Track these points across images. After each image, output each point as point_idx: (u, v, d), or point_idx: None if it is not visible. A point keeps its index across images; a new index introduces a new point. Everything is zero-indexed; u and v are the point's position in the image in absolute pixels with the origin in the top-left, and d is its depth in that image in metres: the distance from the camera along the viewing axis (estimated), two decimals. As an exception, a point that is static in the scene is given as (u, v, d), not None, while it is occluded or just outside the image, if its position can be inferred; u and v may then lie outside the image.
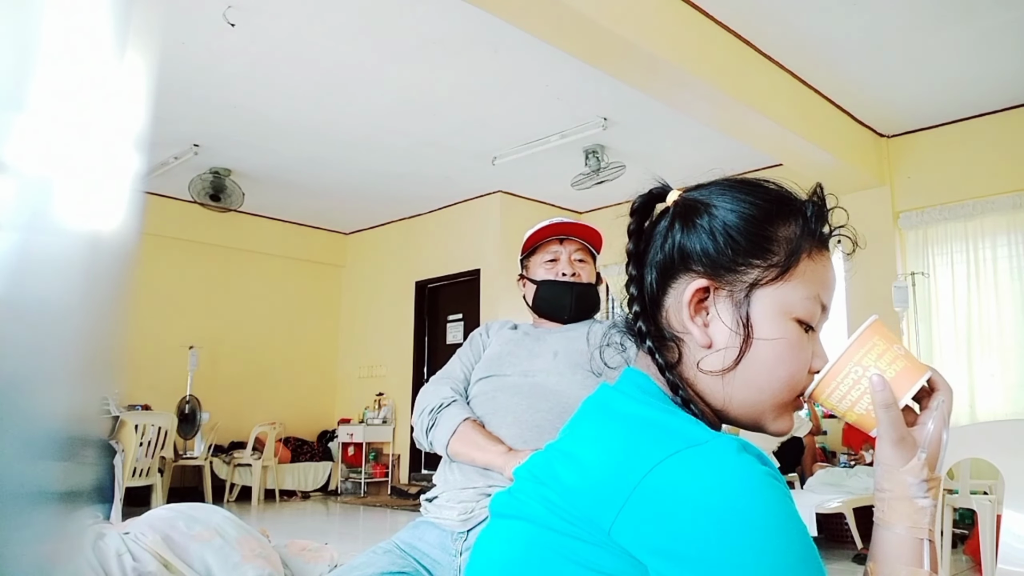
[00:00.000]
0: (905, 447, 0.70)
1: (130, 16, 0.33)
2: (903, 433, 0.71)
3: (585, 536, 0.61)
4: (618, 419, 0.68)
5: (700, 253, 0.72)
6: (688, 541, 0.57)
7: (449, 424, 1.65)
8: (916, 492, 0.69)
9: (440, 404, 1.72)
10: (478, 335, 1.90)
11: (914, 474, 0.69)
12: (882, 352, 0.73)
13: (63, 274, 0.30)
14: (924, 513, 0.69)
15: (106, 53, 0.32)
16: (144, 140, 0.33)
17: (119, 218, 0.32)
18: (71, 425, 0.30)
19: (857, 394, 0.73)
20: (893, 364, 0.73)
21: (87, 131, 0.31)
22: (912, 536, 0.69)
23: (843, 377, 0.73)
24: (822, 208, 0.76)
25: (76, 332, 0.30)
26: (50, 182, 0.30)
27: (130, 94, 0.32)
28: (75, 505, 0.30)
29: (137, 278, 3.25)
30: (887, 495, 0.71)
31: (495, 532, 0.71)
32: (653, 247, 0.75)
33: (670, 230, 0.74)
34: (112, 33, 0.32)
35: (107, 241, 0.31)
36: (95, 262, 0.31)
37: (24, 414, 0.28)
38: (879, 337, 0.74)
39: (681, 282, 0.73)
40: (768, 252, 0.72)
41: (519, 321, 1.95)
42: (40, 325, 0.29)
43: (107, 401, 4.65)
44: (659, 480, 0.59)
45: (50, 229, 0.30)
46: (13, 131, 0.29)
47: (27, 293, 0.28)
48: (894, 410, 0.70)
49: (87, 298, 0.31)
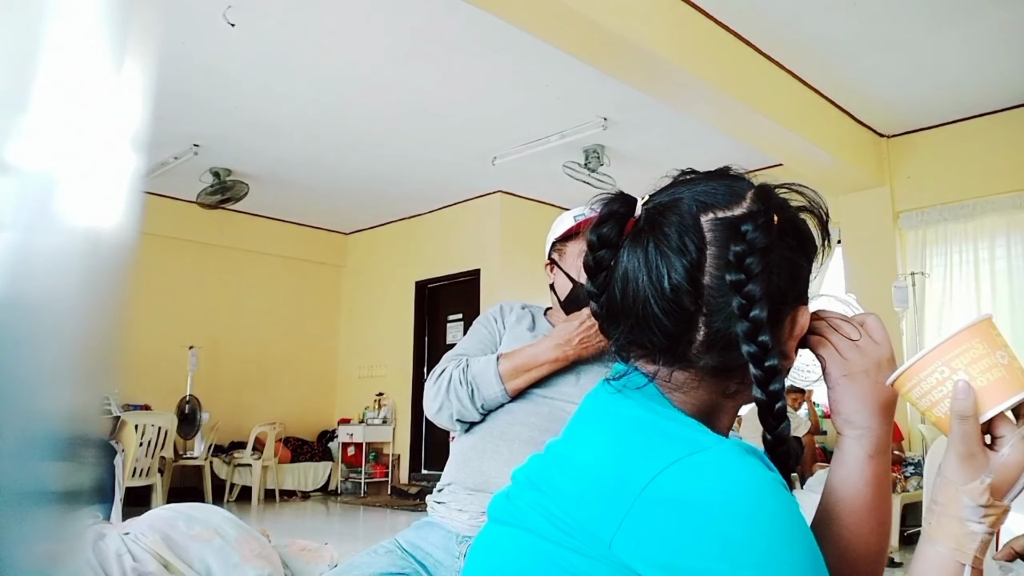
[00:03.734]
0: (972, 465, 0.65)
1: (130, 16, 0.33)
2: (974, 449, 0.65)
3: (584, 549, 0.59)
4: (618, 423, 0.65)
5: (804, 275, 0.71)
6: (692, 556, 0.54)
7: (488, 367, 1.56)
8: (970, 515, 0.64)
9: (462, 370, 1.60)
10: (492, 319, 1.79)
11: (972, 496, 0.64)
12: (978, 356, 0.67)
13: (63, 274, 0.30)
14: (973, 538, 0.64)
15: (106, 53, 0.32)
16: (144, 140, 0.33)
17: (119, 218, 0.32)
18: (71, 425, 0.30)
19: (939, 395, 0.68)
20: (988, 372, 0.66)
21: (87, 131, 0.31)
22: (953, 558, 0.64)
23: (927, 374, 0.69)
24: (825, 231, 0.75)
25: (76, 332, 0.30)
26: (50, 182, 0.30)
27: (130, 94, 0.32)
28: (75, 505, 0.30)
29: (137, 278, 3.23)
30: (938, 509, 0.66)
31: (492, 539, 0.69)
32: (775, 265, 0.68)
33: (788, 247, 0.69)
34: (112, 33, 0.32)
35: (107, 241, 0.31)
36: (95, 262, 0.31)
37: (24, 414, 0.28)
38: (980, 339, 0.68)
39: (789, 306, 0.71)
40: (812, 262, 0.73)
41: (531, 304, 1.82)
42: (40, 325, 0.29)
43: (107, 401, 4.65)
44: (661, 490, 0.56)
45: (50, 229, 0.30)
46: (14, 131, 0.29)
47: (27, 293, 0.28)
48: (970, 423, 0.65)
49: (87, 298, 0.31)
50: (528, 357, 1.54)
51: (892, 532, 4.77)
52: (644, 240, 0.69)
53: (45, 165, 0.29)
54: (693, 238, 0.66)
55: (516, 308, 1.79)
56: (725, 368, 0.67)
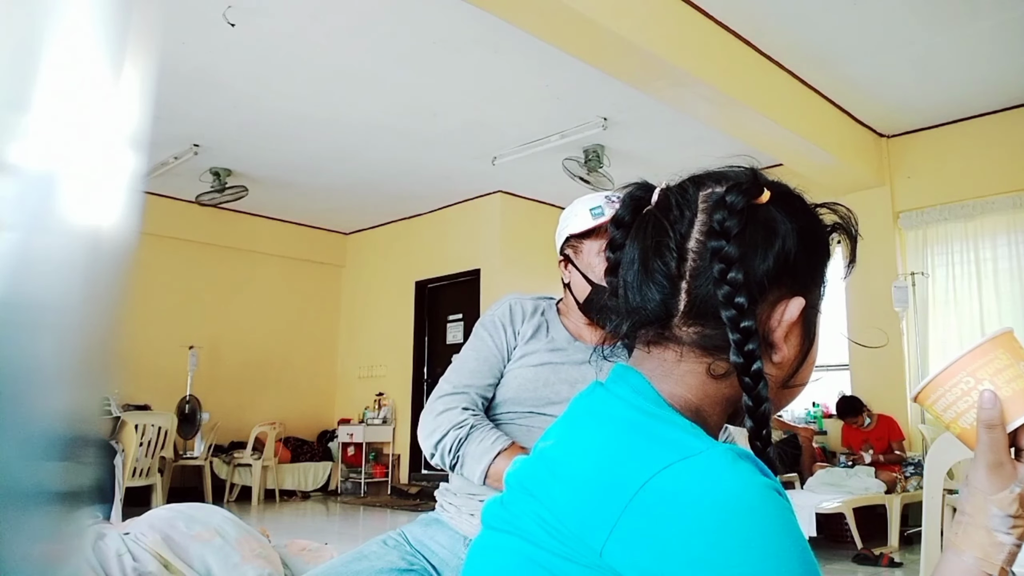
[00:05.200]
0: (1001, 475, 0.65)
1: (130, 16, 0.33)
2: (1002, 459, 0.66)
3: (577, 557, 0.58)
4: (608, 426, 0.65)
5: (796, 266, 0.68)
6: (682, 565, 0.54)
7: (483, 460, 1.43)
8: (998, 525, 0.64)
9: (457, 438, 1.47)
10: (500, 326, 1.59)
11: (1002, 506, 0.64)
12: (1003, 367, 0.67)
13: (63, 274, 0.30)
14: (1001, 549, 0.64)
15: (106, 53, 0.32)
16: (144, 140, 0.33)
17: (119, 218, 0.32)
18: (71, 425, 0.30)
19: (964, 406, 0.68)
20: (1013, 382, 0.67)
21: (87, 131, 0.31)
22: (979, 568, 0.64)
23: (952, 385, 0.69)
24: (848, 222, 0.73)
25: (76, 332, 0.30)
26: (50, 182, 0.30)
27: (130, 94, 0.32)
28: (75, 505, 0.30)
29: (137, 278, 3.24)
30: (966, 519, 0.66)
31: (488, 547, 0.68)
32: (756, 253, 0.67)
33: (773, 237, 0.67)
34: (112, 33, 0.32)
35: (107, 241, 0.31)
36: (95, 262, 0.31)
37: (24, 414, 0.28)
38: (1004, 351, 0.68)
39: (776, 296, 0.67)
40: (826, 264, 0.71)
41: (541, 297, 1.67)
42: (40, 325, 0.29)
43: (107, 401, 4.65)
44: (651, 497, 0.55)
45: (50, 229, 0.30)
46: (14, 131, 0.29)
47: (27, 293, 0.28)
48: (998, 432, 0.66)
49: (87, 298, 0.31)
50: None
51: (892, 532, 4.74)
52: (649, 216, 0.71)
53: (45, 165, 0.29)
54: (688, 210, 0.68)
55: (527, 309, 1.63)
56: (710, 343, 0.67)
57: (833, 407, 5.98)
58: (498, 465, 1.42)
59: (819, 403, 6.47)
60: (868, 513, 4.84)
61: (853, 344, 6.04)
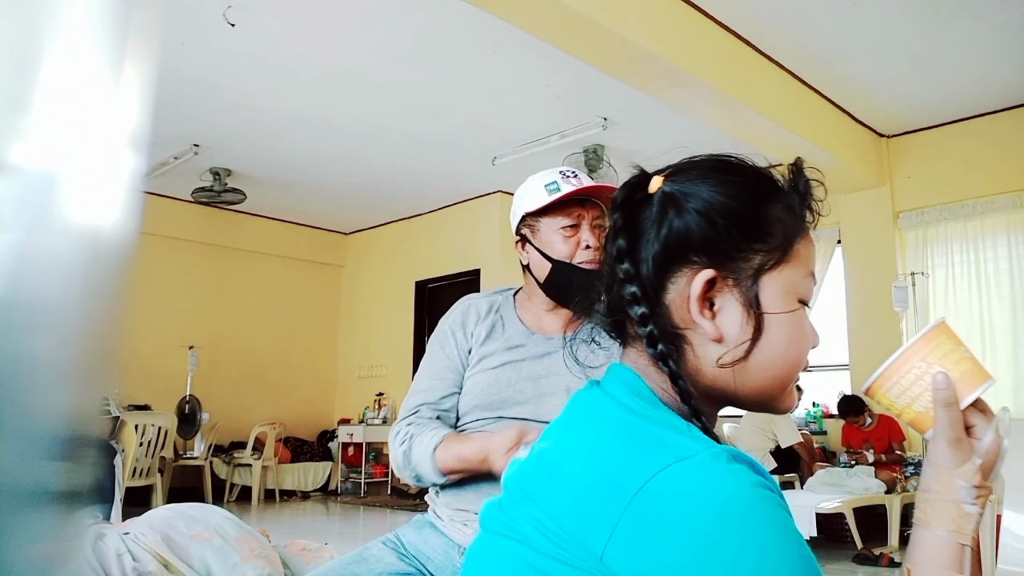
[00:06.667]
0: (961, 450, 0.69)
1: (130, 16, 0.33)
2: (960, 435, 0.70)
3: (576, 561, 0.58)
4: (605, 429, 0.64)
5: (699, 242, 0.67)
6: (681, 567, 0.54)
7: (424, 458, 1.43)
8: (965, 497, 0.68)
9: (403, 453, 1.46)
10: (450, 335, 1.55)
11: (966, 478, 0.68)
12: (948, 351, 0.73)
13: (63, 274, 0.30)
14: (970, 519, 0.68)
15: (106, 53, 0.32)
16: (144, 140, 0.33)
17: (119, 218, 0.32)
18: (71, 425, 0.30)
19: (918, 391, 0.72)
20: (958, 365, 0.72)
21: (87, 131, 0.31)
22: (954, 540, 0.68)
23: (906, 371, 0.73)
24: (807, 184, 0.72)
25: (76, 332, 0.30)
26: (50, 182, 0.30)
27: (130, 94, 0.32)
28: (75, 505, 0.30)
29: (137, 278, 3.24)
30: (933, 496, 0.70)
31: (486, 551, 0.68)
32: (644, 240, 0.69)
33: (661, 220, 0.68)
34: (112, 33, 0.32)
35: (107, 241, 0.31)
36: (95, 262, 0.31)
37: (24, 414, 0.28)
38: (946, 337, 0.73)
39: (682, 275, 0.68)
40: (768, 235, 0.68)
41: (497, 292, 1.62)
42: (40, 325, 0.29)
43: (107, 401, 4.65)
44: (649, 500, 0.56)
45: (50, 229, 0.30)
46: (14, 131, 0.29)
47: (27, 293, 0.28)
48: (955, 410, 0.70)
49: (87, 298, 0.31)
50: (459, 462, 1.39)
51: (892, 532, 4.72)
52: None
53: (45, 165, 0.29)
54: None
55: (482, 309, 1.57)
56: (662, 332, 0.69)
57: (833, 407, 5.98)
58: (443, 459, 1.40)
59: (819, 403, 6.47)
60: (868, 513, 4.84)
61: (853, 344, 6.04)
